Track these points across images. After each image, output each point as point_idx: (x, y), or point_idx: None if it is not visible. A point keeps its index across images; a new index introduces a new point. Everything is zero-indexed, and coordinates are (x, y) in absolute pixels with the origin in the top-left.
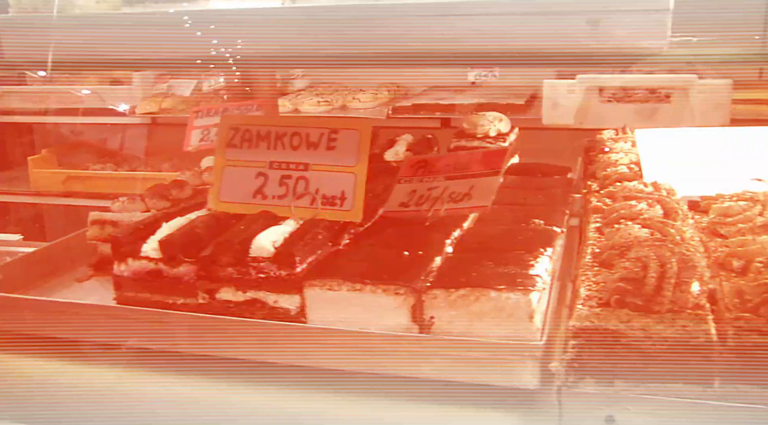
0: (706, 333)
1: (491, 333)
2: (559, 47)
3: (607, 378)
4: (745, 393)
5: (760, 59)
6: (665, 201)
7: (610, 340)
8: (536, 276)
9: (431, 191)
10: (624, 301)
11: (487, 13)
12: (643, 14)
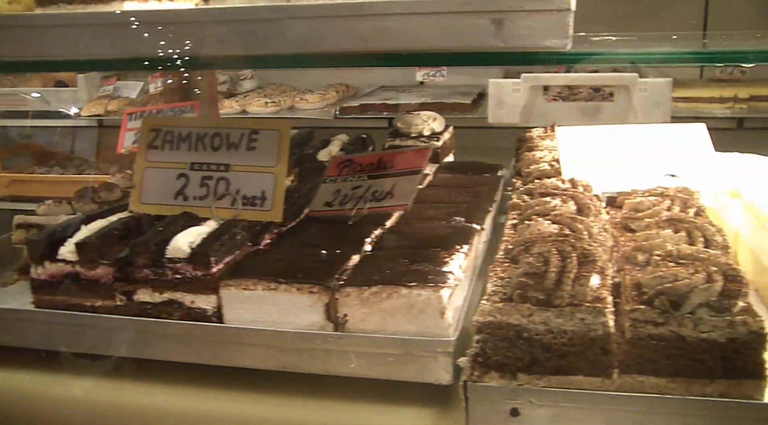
0: (605, 326)
1: (404, 329)
2: (465, 47)
3: (511, 371)
4: (641, 383)
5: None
6: (579, 197)
7: (512, 335)
8: (449, 273)
9: (355, 190)
10: (526, 296)
11: (393, 13)
12: (545, 14)
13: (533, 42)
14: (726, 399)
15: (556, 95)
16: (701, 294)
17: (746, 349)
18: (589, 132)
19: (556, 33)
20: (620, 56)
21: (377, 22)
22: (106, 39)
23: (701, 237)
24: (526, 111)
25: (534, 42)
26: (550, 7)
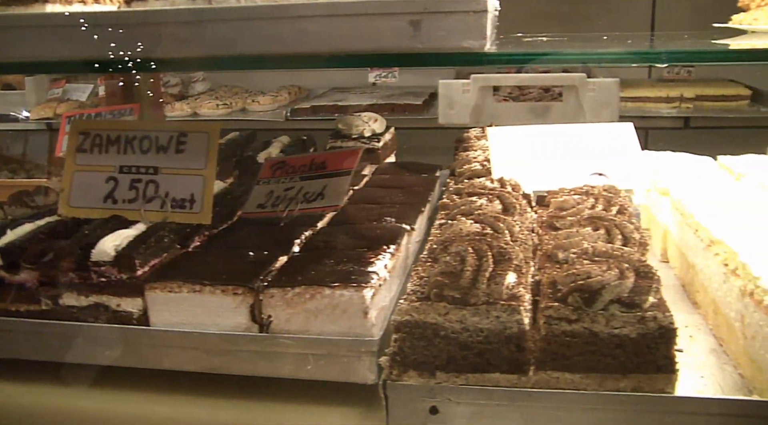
0: (519, 324)
1: (328, 330)
2: (384, 48)
3: (429, 370)
4: (557, 379)
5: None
6: (505, 196)
7: (429, 333)
8: (373, 273)
9: (287, 192)
10: (442, 295)
11: (312, 15)
12: (462, 16)
13: (451, 43)
14: (638, 393)
15: (506, 96)
16: (613, 291)
17: (656, 344)
18: (521, 132)
19: (472, 34)
20: (537, 57)
21: (297, 25)
22: (37, 41)
23: (619, 235)
24: (476, 111)
25: (451, 43)
26: (467, 8)
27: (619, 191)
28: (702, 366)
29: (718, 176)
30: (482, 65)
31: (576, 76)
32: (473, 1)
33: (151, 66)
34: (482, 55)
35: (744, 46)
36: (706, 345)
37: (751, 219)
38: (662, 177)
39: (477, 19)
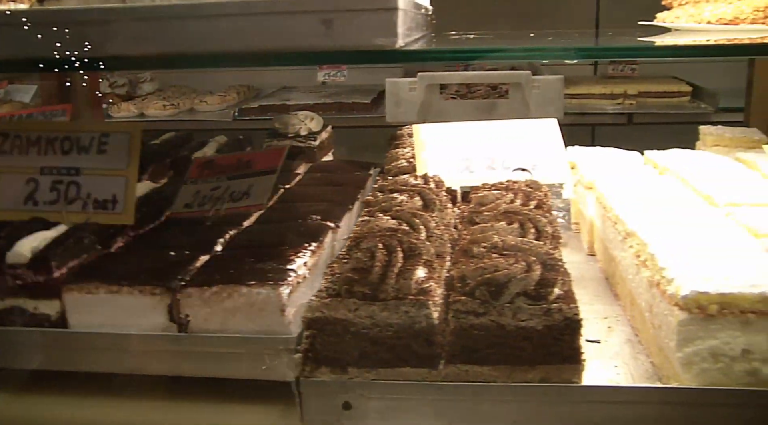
0: (428, 318)
1: (247, 328)
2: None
3: (341, 366)
4: (466, 372)
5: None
6: (425, 193)
7: (340, 329)
8: (291, 271)
9: (214, 191)
10: (352, 291)
11: (224, 14)
12: (373, 13)
13: (362, 40)
14: (546, 384)
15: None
16: (519, 284)
17: (562, 335)
18: (448, 128)
19: (384, 31)
20: (450, 54)
21: (209, 24)
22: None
23: (533, 229)
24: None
25: (363, 40)
26: (377, 6)
27: (541, 186)
28: (617, 356)
29: (642, 171)
30: (396, 63)
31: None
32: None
33: (63, 66)
34: (394, 53)
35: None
36: (623, 335)
37: (667, 213)
38: (588, 171)
39: (388, 17)
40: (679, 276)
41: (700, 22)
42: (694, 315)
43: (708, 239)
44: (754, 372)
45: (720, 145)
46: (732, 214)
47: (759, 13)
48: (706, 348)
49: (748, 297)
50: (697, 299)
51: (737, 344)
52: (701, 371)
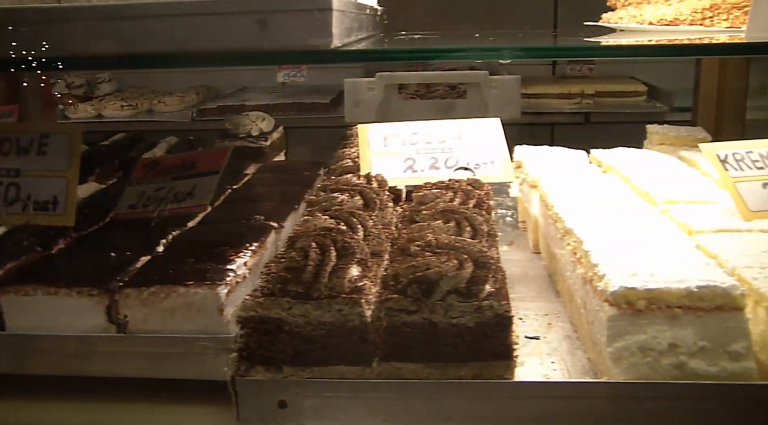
0: (361, 316)
1: (185, 328)
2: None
3: (276, 364)
4: (400, 369)
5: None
6: (366, 192)
7: (274, 328)
8: (229, 270)
9: (158, 192)
10: (286, 290)
11: (160, 14)
12: (307, 14)
13: (297, 41)
14: (479, 380)
15: (413, 93)
16: (450, 282)
17: (493, 332)
18: (394, 128)
19: (318, 32)
20: (386, 55)
21: (144, 24)
22: None
23: (468, 227)
24: (382, 109)
25: (297, 41)
26: (311, 7)
27: (483, 185)
28: (555, 352)
29: (585, 170)
30: (331, 63)
31: (479, 74)
32: (318, 1)
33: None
34: (328, 53)
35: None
36: (563, 331)
37: (604, 211)
38: (533, 170)
39: (322, 17)
40: (609, 272)
41: (642, 22)
42: (623, 311)
43: (641, 236)
44: (680, 365)
45: (665, 143)
46: (669, 211)
47: (697, 14)
48: (635, 342)
49: (674, 292)
50: (625, 295)
51: (664, 338)
52: (630, 365)
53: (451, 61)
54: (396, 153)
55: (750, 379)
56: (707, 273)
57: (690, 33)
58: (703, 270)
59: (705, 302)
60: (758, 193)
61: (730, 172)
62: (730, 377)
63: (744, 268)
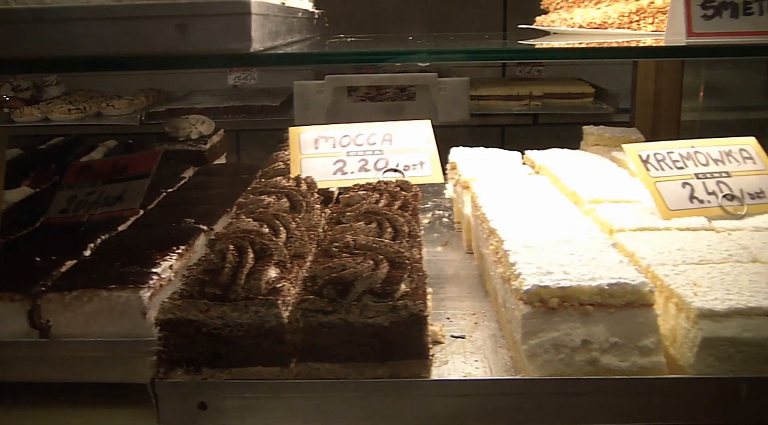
0: (278, 317)
1: (109, 332)
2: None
3: (195, 366)
4: (317, 370)
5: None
6: (292, 194)
7: (192, 330)
8: (153, 274)
9: (89, 196)
10: (203, 292)
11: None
12: (226, 18)
13: (216, 45)
14: (395, 379)
15: (363, 96)
16: (365, 282)
17: (409, 331)
18: (326, 131)
19: (237, 36)
20: (307, 58)
21: (66, 28)
22: None
23: (389, 228)
24: (332, 112)
25: (217, 45)
26: (230, 11)
27: (412, 186)
28: (480, 350)
29: (516, 170)
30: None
31: (427, 76)
32: (237, 5)
33: None
34: (248, 56)
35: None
36: (489, 330)
37: (528, 211)
38: (466, 171)
39: (241, 22)
40: (525, 271)
41: (572, 25)
42: (536, 309)
43: (561, 236)
44: (593, 361)
45: (600, 144)
46: (594, 211)
47: (624, 18)
48: (549, 340)
49: (586, 290)
50: (538, 293)
51: (577, 335)
52: (545, 362)
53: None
54: (326, 155)
55: (660, 373)
56: (619, 271)
57: (618, 36)
58: (615, 268)
59: (616, 299)
60: (678, 192)
61: (651, 171)
62: (641, 371)
63: (658, 265)
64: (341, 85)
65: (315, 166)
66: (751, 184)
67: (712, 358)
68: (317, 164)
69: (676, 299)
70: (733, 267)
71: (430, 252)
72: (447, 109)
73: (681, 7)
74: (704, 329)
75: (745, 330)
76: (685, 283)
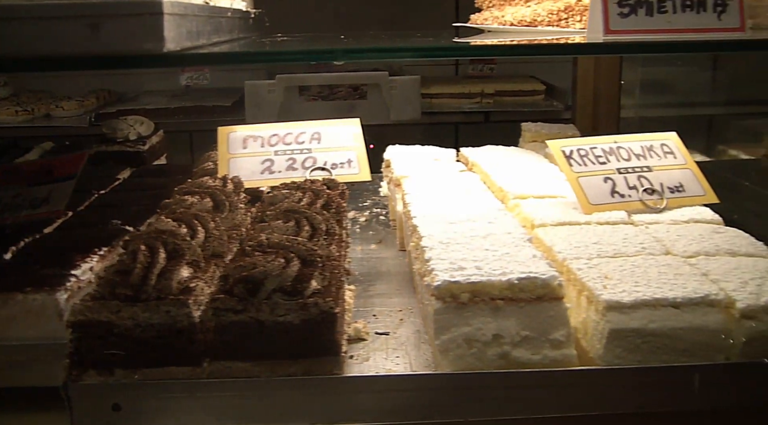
0: (189, 317)
1: (27, 335)
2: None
3: (108, 368)
4: (230, 368)
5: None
6: (216, 194)
7: (103, 332)
8: (71, 276)
9: (15, 199)
10: (115, 293)
11: None
12: (138, 19)
13: (129, 45)
14: (308, 376)
15: (316, 95)
16: (275, 280)
17: (320, 329)
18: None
19: (150, 36)
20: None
21: None
22: None
23: (307, 226)
24: (283, 111)
25: (130, 46)
26: (142, 11)
27: (339, 185)
28: (402, 347)
29: (449, 167)
30: (165, 67)
31: (378, 75)
32: (149, 5)
33: None
34: (161, 57)
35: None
36: (414, 327)
37: (452, 208)
38: (398, 169)
39: (153, 22)
40: (438, 267)
41: (503, 23)
42: (447, 304)
43: (480, 232)
44: (504, 355)
45: (537, 141)
46: (519, 206)
47: (553, 16)
48: (461, 334)
49: (496, 285)
50: (449, 288)
51: (489, 330)
52: (457, 357)
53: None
54: (254, 154)
55: (570, 365)
56: (530, 266)
57: (547, 33)
58: (527, 263)
59: (526, 293)
60: (600, 187)
61: (574, 167)
62: (552, 364)
63: (573, 259)
64: (292, 85)
65: (243, 165)
66: (671, 178)
67: (620, 349)
68: (245, 163)
69: (587, 292)
70: (644, 260)
71: (364, 250)
72: (398, 108)
73: (599, 5)
74: (612, 321)
75: (651, 321)
76: (597, 276)
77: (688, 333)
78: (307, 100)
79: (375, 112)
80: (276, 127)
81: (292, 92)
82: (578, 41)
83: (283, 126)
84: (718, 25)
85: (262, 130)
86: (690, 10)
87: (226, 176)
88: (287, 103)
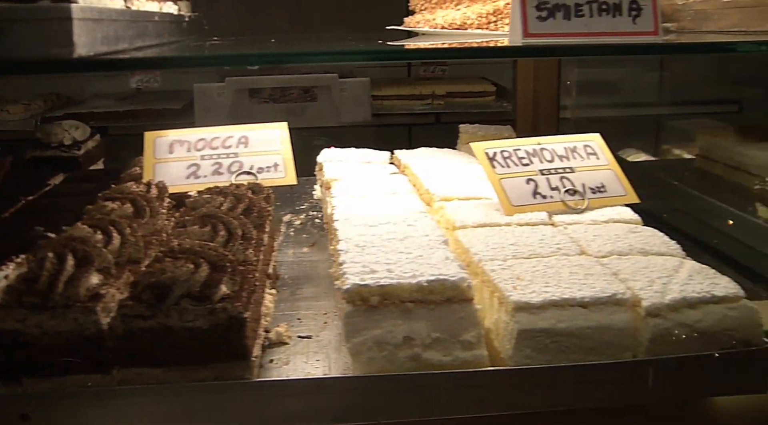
0: (96, 324)
1: None
2: None
3: (15, 377)
4: (140, 375)
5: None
6: (137, 200)
7: (9, 341)
8: None
9: None
10: (21, 301)
11: None
12: (45, 23)
13: (38, 50)
14: (217, 381)
15: (267, 97)
16: (183, 286)
17: (229, 334)
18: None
19: (59, 41)
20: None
21: None
22: None
23: (223, 231)
24: (233, 114)
25: (38, 50)
26: (50, 16)
27: (264, 189)
28: (323, 350)
29: (382, 170)
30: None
31: (328, 77)
32: (57, 10)
33: None
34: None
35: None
36: (337, 329)
37: (374, 211)
38: (329, 172)
39: (62, 27)
40: (350, 271)
41: (435, 26)
42: (357, 307)
43: (397, 234)
44: (415, 357)
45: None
46: (444, 208)
47: (482, 19)
48: (371, 337)
49: (406, 287)
50: (359, 292)
51: (399, 332)
52: (368, 359)
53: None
54: (180, 159)
55: (482, 366)
56: (441, 268)
57: (476, 36)
58: (439, 265)
59: (436, 295)
60: (522, 188)
61: (497, 169)
62: (463, 365)
63: (488, 261)
64: (242, 88)
65: (168, 170)
66: (593, 179)
67: (529, 349)
68: (171, 168)
69: (498, 293)
70: (558, 260)
71: (296, 253)
72: (349, 110)
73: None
74: (521, 321)
75: (559, 321)
76: (509, 277)
77: (596, 333)
78: (258, 102)
79: (325, 114)
80: (203, 131)
81: (242, 95)
82: (500, 45)
83: (210, 130)
84: (633, 29)
85: (188, 134)
86: (606, 14)
87: (150, 181)
88: (237, 106)
